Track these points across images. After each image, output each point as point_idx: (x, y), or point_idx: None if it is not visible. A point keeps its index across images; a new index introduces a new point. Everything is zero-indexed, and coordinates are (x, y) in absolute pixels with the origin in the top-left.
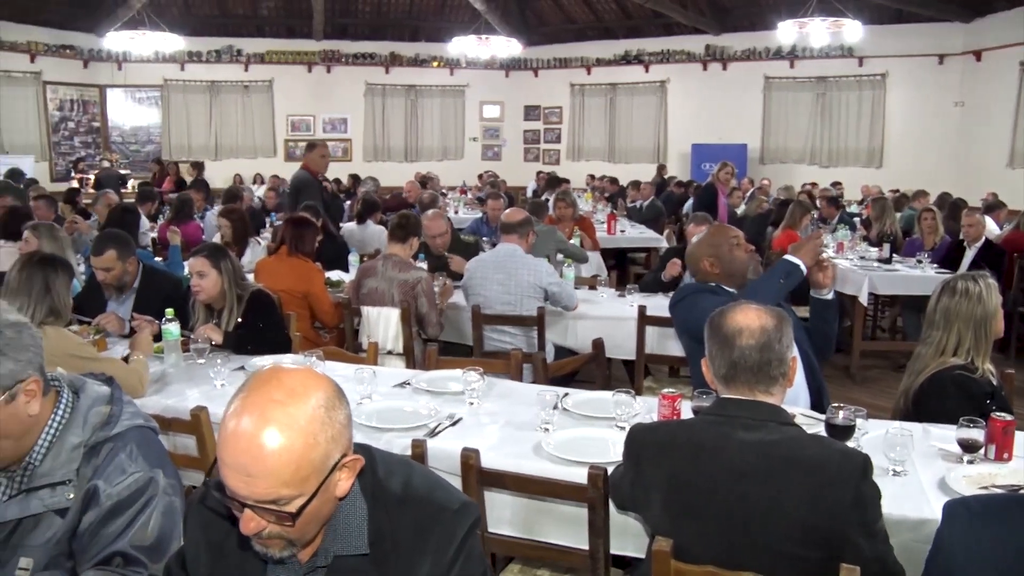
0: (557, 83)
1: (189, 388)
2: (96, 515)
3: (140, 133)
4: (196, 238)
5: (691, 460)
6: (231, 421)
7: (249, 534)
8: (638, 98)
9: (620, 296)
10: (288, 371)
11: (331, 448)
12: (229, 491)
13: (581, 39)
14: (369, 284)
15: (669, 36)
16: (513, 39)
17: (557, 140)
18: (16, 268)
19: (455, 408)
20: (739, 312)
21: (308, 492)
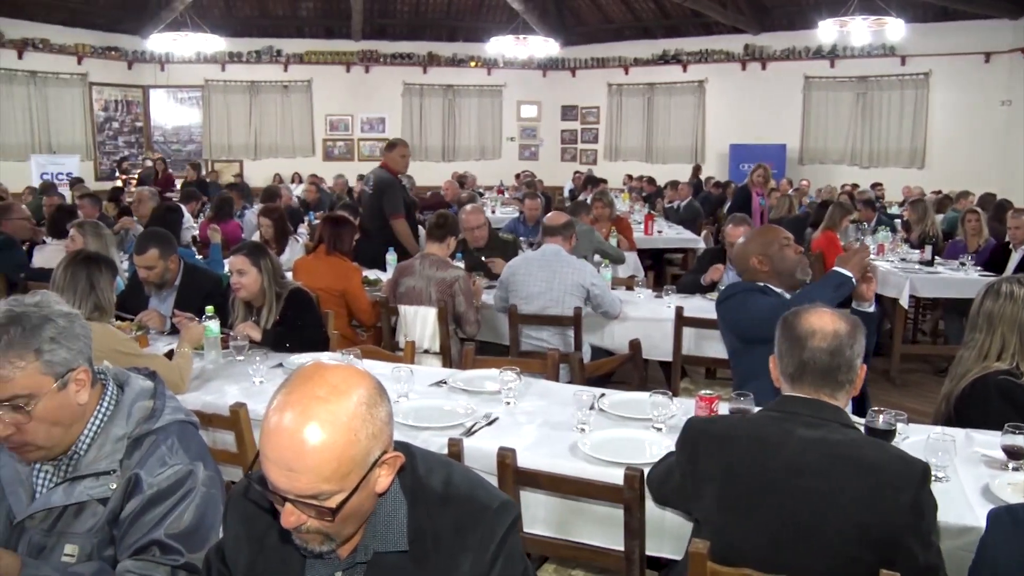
0: (595, 83)
1: (228, 385)
2: (138, 503)
3: (181, 133)
4: (235, 236)
5: (750, 453)
6: (274, 416)
7: (289, 528)
8: (676, 98)
9: (657, 297)
10: (331, 367)
11: (372, 445)
12: (271, 485)
13: (619, 39)
14: (407, 283)
15: (708, 36)
16: (551, 39)
17: (594, 140)
18: (62, 267)
19: (491, 407)
20: (814, 314)
21: (348, 488)
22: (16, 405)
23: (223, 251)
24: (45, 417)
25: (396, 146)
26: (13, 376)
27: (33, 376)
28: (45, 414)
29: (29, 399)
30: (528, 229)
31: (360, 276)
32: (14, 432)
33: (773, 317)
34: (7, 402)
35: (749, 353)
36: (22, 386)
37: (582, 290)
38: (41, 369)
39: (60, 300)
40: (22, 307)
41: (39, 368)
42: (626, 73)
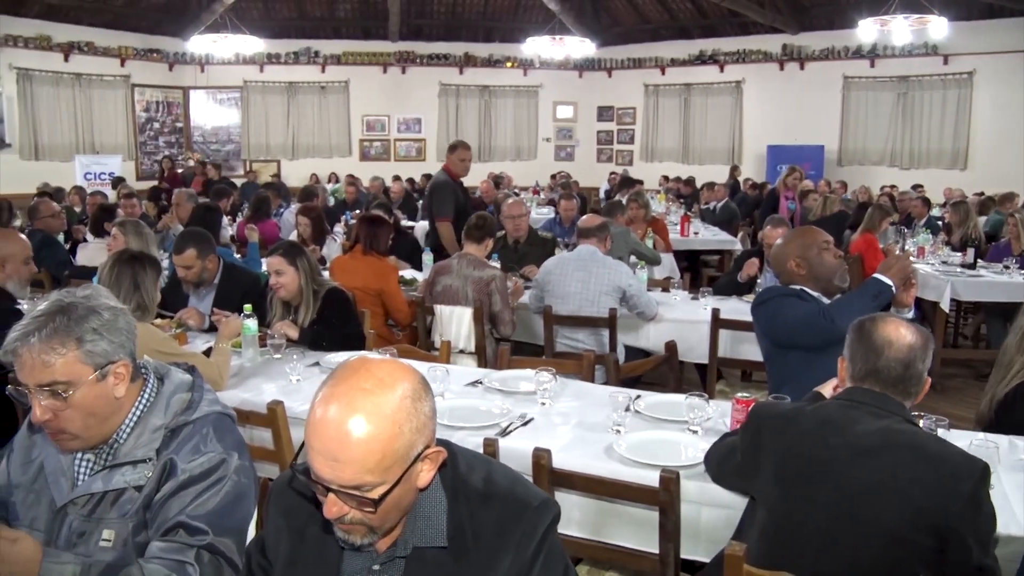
0: (631, 83)
1: (266, 383)
2: (171, 487)
3: (220, 133)
4: (273, 236)
5: (815, 431)
6: (320, 408)
7: (332, 518)
8: (713, 99)
9: (693, 299)
10: (376, 361)
11: (415, 438)
12: (315, 475)
13: (655, 39)
14: (444, 281)
15: (745, 36)
16: (587, 39)
17: (630, 141)
18: (107, 266)
19: (527, 408)
20: (890, 324)
21: (391, 481)
22: (55, 391)
23: (261, 250)
24: (82, 406)
25: (456, 149)
26: (54, 362)
27: (73, 364)
28: (82, 403)
29: (68, 386)
30: (564, 230)
31: (397, 275)
32: (51, 418)
33: (809, 324)
34: (47, 387)
35: (783, 358)
36: (61, 373)
37: (618, 291)
38: (81, 358)
39: (109, 295)
40: (72, 298)
41: (79, 357)
42: (663, 73)
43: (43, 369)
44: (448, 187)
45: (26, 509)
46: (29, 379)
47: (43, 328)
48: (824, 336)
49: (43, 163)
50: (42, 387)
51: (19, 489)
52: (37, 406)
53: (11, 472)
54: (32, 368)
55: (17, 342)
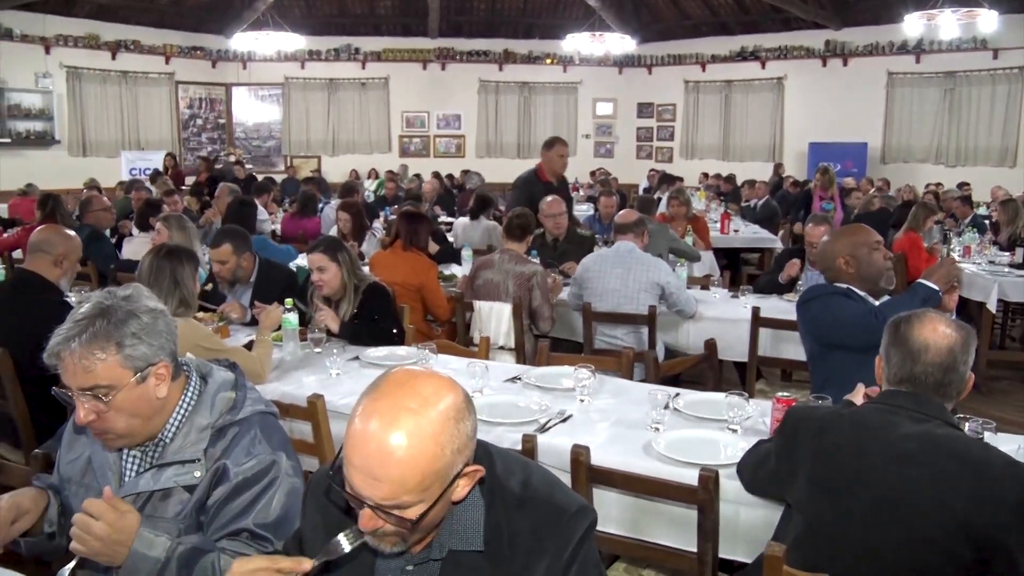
0: (671, 80)
1: (306, 376)
2: (224, 491)
3: (262, 129)
4: (315, 231)
5: (851, 437)
6: (360, 422)
7: (366, 531)
8: (754, 95)
9: (733, 297)
10: (421, 377)
11: (456, 459)
12: (351, 488)
13: (696, 35)
14: (485, 276)
15: (787, 31)
16: (627, 36)
17: (670, 138)
18: (146, 262)
19: (565, 404)
20: (928, 325)
21: (429, 500)
22: (96, 394)
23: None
24: (123, 408)
25: (555, 144)
26: (94, 367)
27: (113, 368)
28: (124, 405)
29: (109, 390)
30: (603, 227)
31: (436, 271)
32: (95, 419)
33: (860, 324)
34: (88, 390)
35: (828, 358)
36: (102, 377)
37: (656, 288)
38: (121, 363)
39: (151, 295)
40: (112, 300)
41: (119, 361)
42: (703, 70)
43: (84, 373)
44: (526, 186)
45: (77, 502)
46: (72, 382)
47: (83, 333)
48: (874, 337)
49: (90, 159)
50: (84, 390)
51: (69, 483)
52: (81, 408)
53: (61, 467)
54: (74, 372)
55: (59, 346)
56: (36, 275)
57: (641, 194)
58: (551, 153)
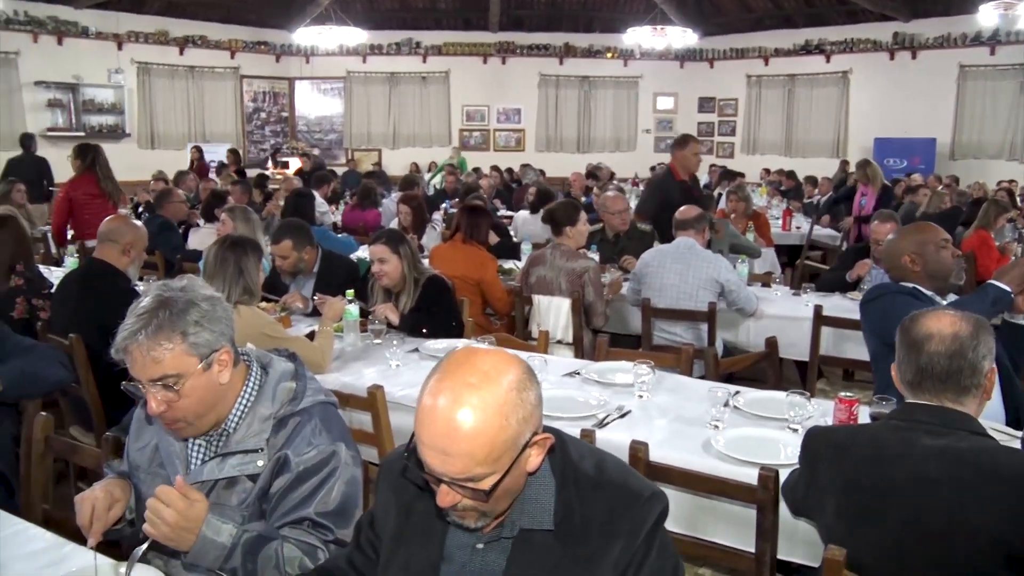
0: (733, 74)
1: (366, 367)
2: (286, 480)
3: (324, 123)
4: (375, 223)
5: (870, 463)
6: (428, 401)
7: (445, 507)
8: (818, 90)
9: (795, 295)
10: (482, 353)
11: (523, 428)
12: (426, 467)
13: (759, 29)
14: (538, 272)
15: (854, 24)
16: (688, 29)
17: (732, 133)
18: (211, 253)
19: (624, 400)
20: (932, 317)
21: (501, 470)
22: (166, 384)
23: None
24: (192, 395)
25: (688, 142)
26: (163, 358)
27: (180, 357)
28: (192, 392)
29: (177, 378)
30: None
31: (495, 265)
32: (166, 409)
33: None
34: (158, 381)
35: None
36: (171, 366)
37: (716, 285)
38: (187, 351)
39: (204, 284)
40: (169, 292)
41: (185, 350)
42: (766, 64)
43: (153, 365)
44: (661, 186)
45: (146, 489)
46: (141, 374)
47: (148, 325)
48: None
49: (158, 151)
50: (154, 381)
51: (138, 471)
52: (152, 399)
53: (130, 454)
54: (144, 364)
55: (126, 340)
56: (105, 263)
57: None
58: (685, 151)
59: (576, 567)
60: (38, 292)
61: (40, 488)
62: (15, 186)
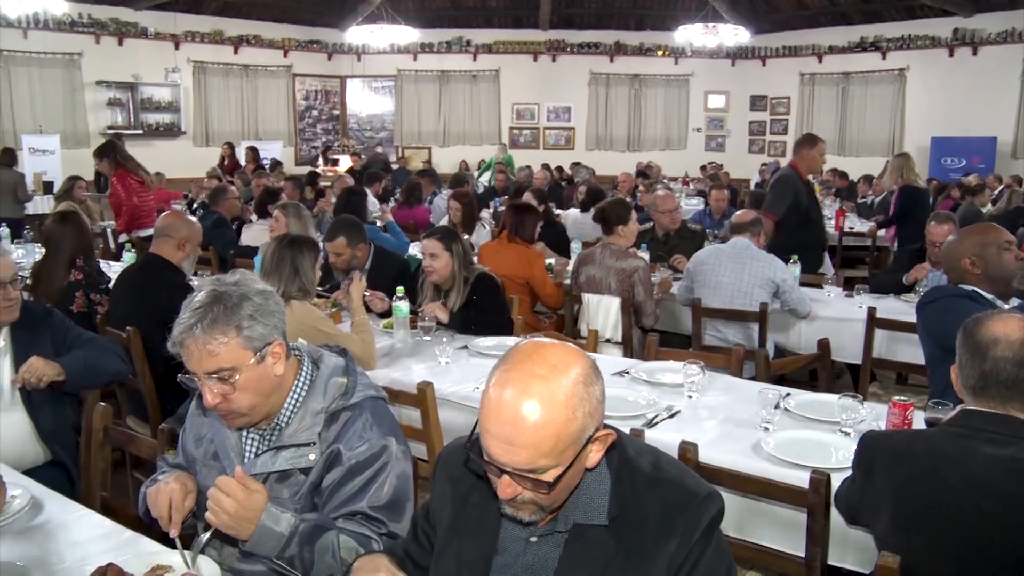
0: (786, 72)
1: (415, 363)
2: (338, 474)
3: (375, 120)
4: (424, 220)
5: (928, 471)
6: (495, 392)
7: (505, 499)
8: (873, 87)
9: (848, 296)
10: (549, 346)
11: (587, 422)
12: (489, 456)
13: (813, 26)
14: (587, 271)
15: (911, 20)
16: (741, 27)
17: (784, 131)
18: (269, 250)
19: (673, 400)
20: (998, 320)
21: (565, 463)
22: (222, 377)
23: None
24: (247, 387)
25: (816, 143)
26: (219, 351)
27: (235, 350)
28: (247, 385)
29: (232, 371)
30: (714, 221)
31: (543, 262)
32: (221, 401)
33: None
34: (214, 374)
35: (950, 363)
36: (226, 359)
37: (771, 285)
38: (242, 344)
39: (256, 278)
40: (223, 286)
41: (240, 343)
42: (820, 61)
43: (209, 358)
44: (790, 184)
45: (202, 480)
46: (198, 368)
47: (203, 320)
48: None
49: (212, 148)
50: (210, 374)
51: (195, 463)
52: (208, 392)
53: (185, 447)
54: (200, 358)
55: (183, 335)
56: (161, 258)
57: (753, 189)
58: (814, 152)
59: (629, 564)
60: (96, 287)
61: (99, 476)
62: (77, 182)
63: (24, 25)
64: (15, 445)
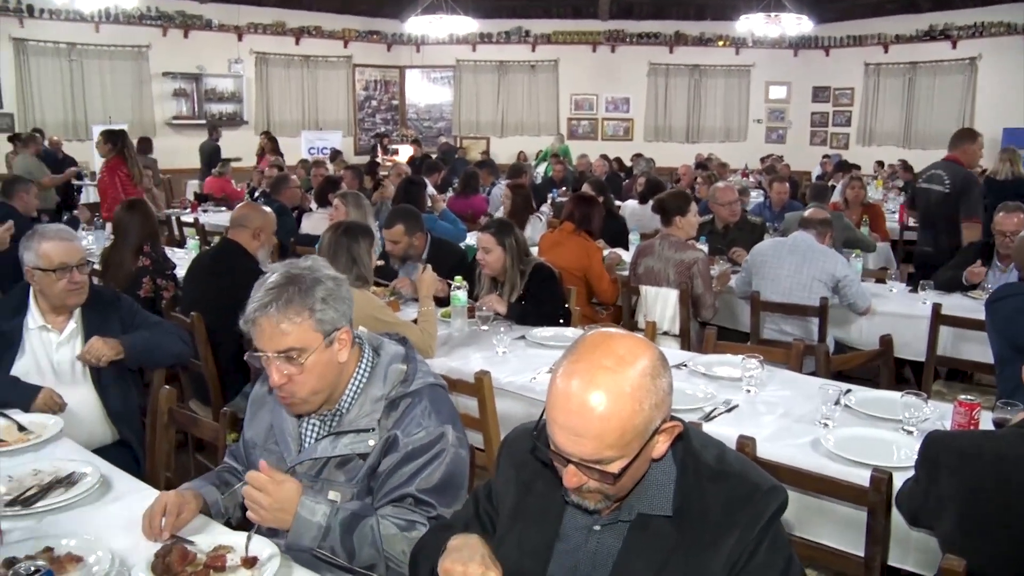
0: (850, 62)
1: (473, 353)
2: (394, 459)
3: (433, 111)
4: (481, 210)
5: (996, 474)
6: (562, 382)
7: (571, 488)
8: (941, 78)
9: (912, 292)
10: (617, 337)
11: (654, 414)
12: (555, 446)
13: (879, 14)
14: (646, 263)
15: (984, 6)
16: (804, 16)
17: (847, 123)
18: (326, 238)
19: (731, 394)
20: None
21: (630, 455)
22: (290, 356)
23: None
24: (313, 370)
25: (976, 137)
26: (290, 331)
27: (306, 332)
28: (313, 367)
29: (301, 352)
30: (773, 214)
31: (601, 254)
32: (287, 381)
33: None
34: (283, 353)
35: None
36: (296, 339)
37: (832, 279)
38: (313, 326)
39: (327, 264)
40: (297, 269)
41: (312, 325)
42: (885, 51)
43: (281, 336)
44: (976, 182)
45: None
46: (268, 346)
47: (279, 299)
48: None
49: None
50: (279, 353)
51: (255, 448)
52: (275, 371)
53: (246, 432)
54: (271, 336)
55: (257, 312)
56: (237, 243)
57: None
58: (975, 146)
59: (690, 555)
60: (162, 272)
61: (164, 457)
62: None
63: (97, 20)
64: (86, 424)
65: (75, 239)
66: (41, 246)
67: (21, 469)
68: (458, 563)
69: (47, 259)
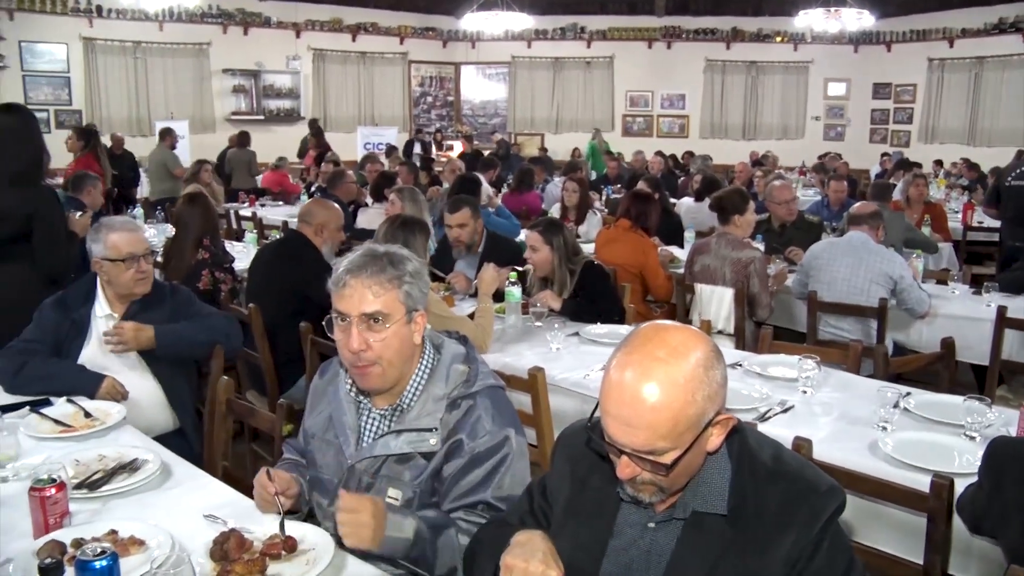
0: (912, 58)
1: (526, 349)
2: (458, 464)
3: (488, 107)
4: (535, 207)
5: None
6: (615, 373)
7: (624, 479)
8: (1011, 72)
9: (975, 293)
10: (670, 328)
11: (707, 406)
12: (608, 437)
13: (943, 7)
14: (702, 261)
15: None
16: (865, 11)
17: (908, 120)
18: (382, 231)
19: (787, 395)
20: None
21: (683, 446)
22: (375, 319)
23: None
24: (391, 342)
25: None
26: (381, 295)
27: (394, 301)
28: (392, 338)
29: (386, 318)
30: (831, 213)
31: (657, 251)
32: (365, 348)
33: None
34: (369, 316)
35: None
36: (384, 305)
37: (890, 281)
38: (400, 297)
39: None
40: (384, 248)
41: (399, 296)
42: (950, 46)
43: (371, 299)
44: None
45: (320, 456)
46: (353, 308)
47: (372, 264)
48: None
49: (330, 134)
50: (365, 316)
51: (313, 438)
52: (356, 336)
53: (306, 422)
54: (361, 297)
55: (348, 274)
56: (302, 236)
57: (874, 180)
58: None
59: (745, 554)
60: (221, 265)
61: (221, 446)
62: (204, 166)
63: (160, 18)
64: (147, 411)
65: (140, 230)
66: (109, 237)
67: (87, 454)
68: (520, 559)
69: (115, 249)
